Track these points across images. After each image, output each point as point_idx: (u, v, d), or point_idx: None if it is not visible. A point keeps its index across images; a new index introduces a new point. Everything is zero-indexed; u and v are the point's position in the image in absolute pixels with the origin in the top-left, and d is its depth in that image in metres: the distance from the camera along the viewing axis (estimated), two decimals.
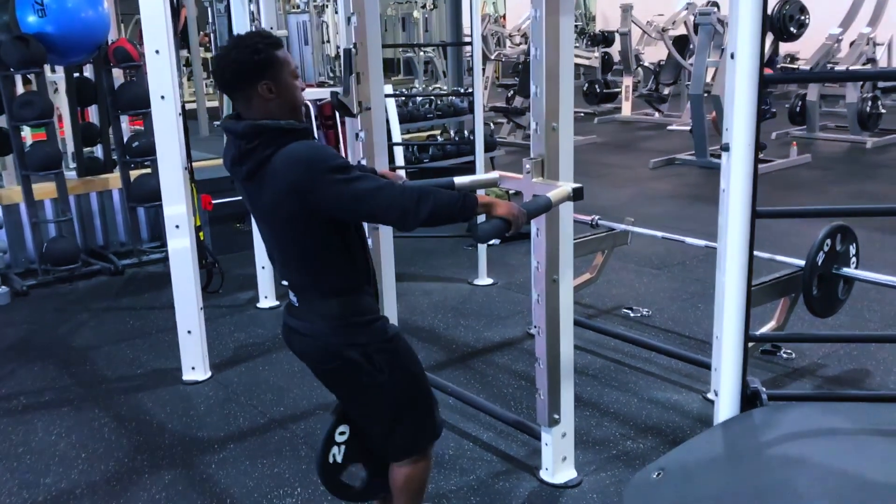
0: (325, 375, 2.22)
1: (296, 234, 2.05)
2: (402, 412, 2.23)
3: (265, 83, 2.01)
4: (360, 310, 2.15)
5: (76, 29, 4.99)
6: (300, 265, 2.11)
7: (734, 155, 1.96)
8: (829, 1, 10.12)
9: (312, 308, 2.13)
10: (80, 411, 3.48)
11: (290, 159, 1.96)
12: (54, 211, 5.34)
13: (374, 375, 2.13)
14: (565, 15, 2.40)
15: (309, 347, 2.17)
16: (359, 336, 2.13)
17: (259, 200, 2.06)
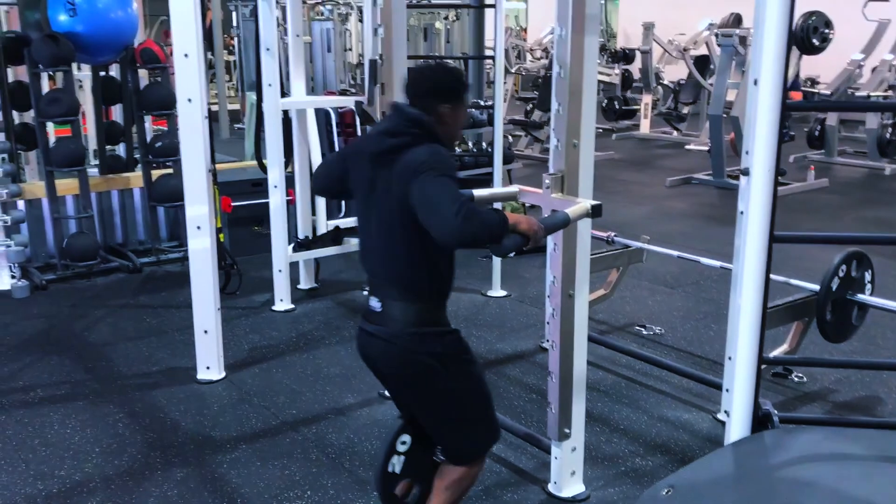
0: (400, 380, 2.32)
1: (404, 224, 2.16)
2: (471, 418, 2.36)
3: (448, 107, 2.22)
4: (439, 320, 2.28)
5: (106, 29, 5.07)
6: (399, 259, 2.22)
7: (754, 179, 1.98)
8: (852, 26, 10.12)
9: (394, 314, 2.23)
10: (95, 406, 3.53)
11: (420, 152, 2.13)
12: (76, 207, 5.41)
13: (448, 382, 2.26)
14: (590, 35, 2.44)
15: (387, 352, 2.27)
16: (436, 345, 2.25)
17: (380, 184, 2.21)
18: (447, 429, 2.36)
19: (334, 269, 5.43)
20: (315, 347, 4.17)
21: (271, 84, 4.49)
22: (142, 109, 5.51)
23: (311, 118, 5.23)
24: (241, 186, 5.67)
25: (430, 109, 2.21)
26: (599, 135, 11.91)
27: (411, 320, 2.22)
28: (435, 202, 2.04)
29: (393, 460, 2.40)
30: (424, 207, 2.07)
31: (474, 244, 2.12)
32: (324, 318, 4.60)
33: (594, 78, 2.54)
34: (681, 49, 11.86)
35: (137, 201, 5.82)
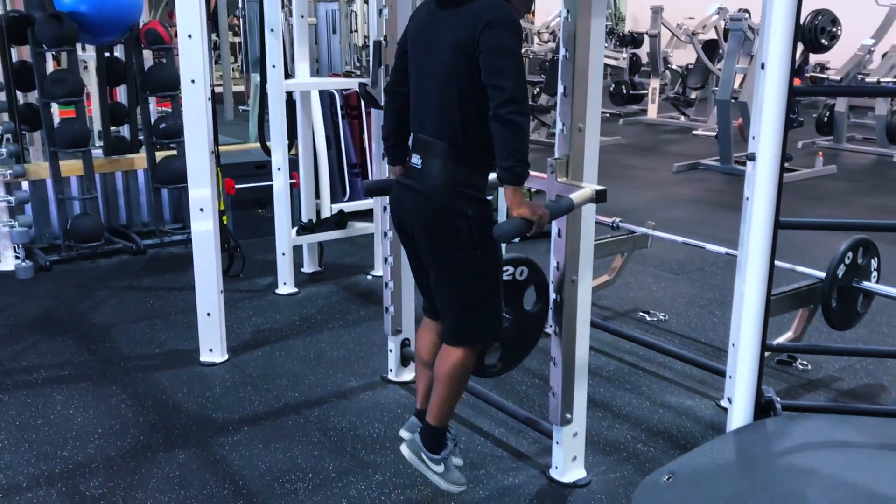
0: (426, 234, 2.37)
1: (463, 77, 2.22)
2: (478, 298, 2.43)
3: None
4: (478, 185, 2.35)
5: (110, 9, 5.04)
6: (451, 113, 2.27)
7: (760, 165, 1.96)
8: (862, 12, 10.03)
9: (434, 170, 2.30)
10: (98, 387, 3.54)
11: (492, 6, 2.18)
12: (80, 188, 5.41)
13: (469, 249, 2.33)
14: (597, 17, 2.41)
15: (421, 205, 2.34)
16: (469, 207, 2.31)
17: (445, 31, 2.27)
18: (456, 299, 2.43)
19: (338, 253, 5.43)
20: (318, 331, 4.17)
21: (275, 66, 4.47)
22: (146, 91, 5.49)
23: (315, 100, 5.21)
24: (245, 169, 5.66)
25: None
26: (606, 119, 11.85)
27: (450, 178, 2.29)
28: (505, 76, 2.11)
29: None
30: (491, 73, 2.12)
31: (507, 142, 2.14)
32: (327, 302, 4.60)
33: (600, 61, 2.51)
34: (689, 33, 11.76)
35: (141, 183, 5.81)
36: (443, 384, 2.49)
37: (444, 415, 2.53)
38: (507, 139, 2.15)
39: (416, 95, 2.43)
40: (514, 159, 2.15)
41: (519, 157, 2.15)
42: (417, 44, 2.42)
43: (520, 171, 2.17)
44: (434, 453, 2.54)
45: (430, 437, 2.54)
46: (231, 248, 4.83)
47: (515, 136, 2.16)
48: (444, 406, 2.51)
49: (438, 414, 2.52)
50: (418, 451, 2.56)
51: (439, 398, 2.50)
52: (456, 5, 2.28)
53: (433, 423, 2.53)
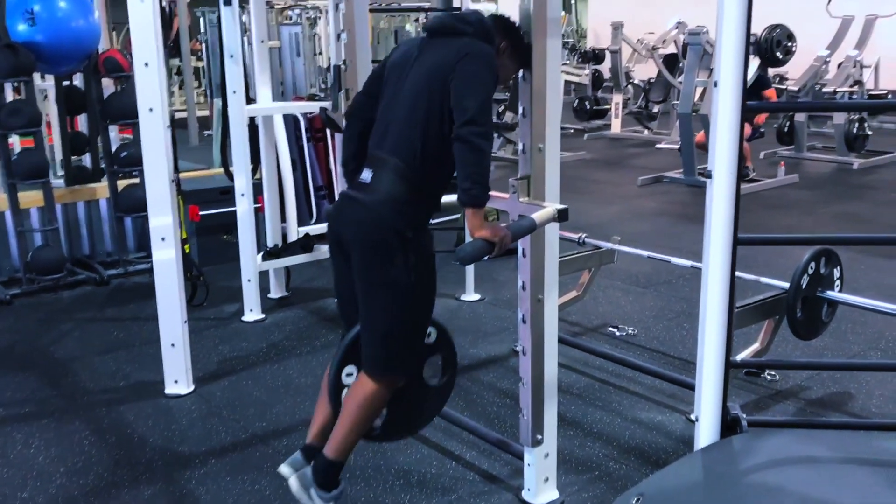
0: (361, 245, 2.33)
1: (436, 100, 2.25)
2: (402, 327, 2.37)
3: (507, 45, 2.36)
4: (421, 210, 2.34)
5: (66, 38, 4.97)
6: (413, 130, 2.28)
7: (716, 182, 1.97)
8: (817, 23, 10.23)
9: (382, 185, 2.29)
10: (60, 424, 3.46)
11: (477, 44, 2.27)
12: (40, 219, 5.31)
13: (401, 271, 2.29)
14: (552, 38, 2.42)
15: (361, 217, 2.32)
16: (409, 229, 2.29)
17: (425, 55, 2.34)
18: (381, 323, 2.36)
19: (306, 277, 5.38)
20: (286, 358, 4.12)
21: (236, 91, 4.44)
22: (106, 119, 5.42)
23: (279, 124, 5.18)
24: (210, 195, 5.60)
25: (490, 39, 2.32)
26: (571, 135, 11.94)
27: (396, 195, 2.27)
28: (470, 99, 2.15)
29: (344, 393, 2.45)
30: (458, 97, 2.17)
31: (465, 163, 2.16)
32: (295, 328, 4.55)
33: (558, 81, 2.52)
34: (650, 48, 11.91)
35: (104, 212, 5.73)
36: (351, 416, 2.39)
37: (345, 449, 2.43)
38: (466, 160, 2.15)
39: (382, 115, 2.43)
40: (472, 181, 2.14)
41: (477, 178, 2.15)
42: (397, 68, 2.44)
43: (478, 194, 2.16)
44: (325, 490, 2.43)
45: (323, 472, 2.43)
46: (195, 277, 4.77)
47: (475, 159, 2.16)
48: (347, 439, 2.41)
49: (339, 448, 2.41)
50: (308, 487, 2.43)
51: (344, 430, 2.40)
52: (444, 35, 2.32)
53: (331, 457, 2.42)
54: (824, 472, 1.79)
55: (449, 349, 2.62)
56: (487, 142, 2.18)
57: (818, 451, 1.89)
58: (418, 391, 2.58)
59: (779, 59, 7.64)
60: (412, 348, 2.44)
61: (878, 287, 4.93)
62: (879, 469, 1.80)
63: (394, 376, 2.42)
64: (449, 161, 2.27)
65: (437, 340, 2.59)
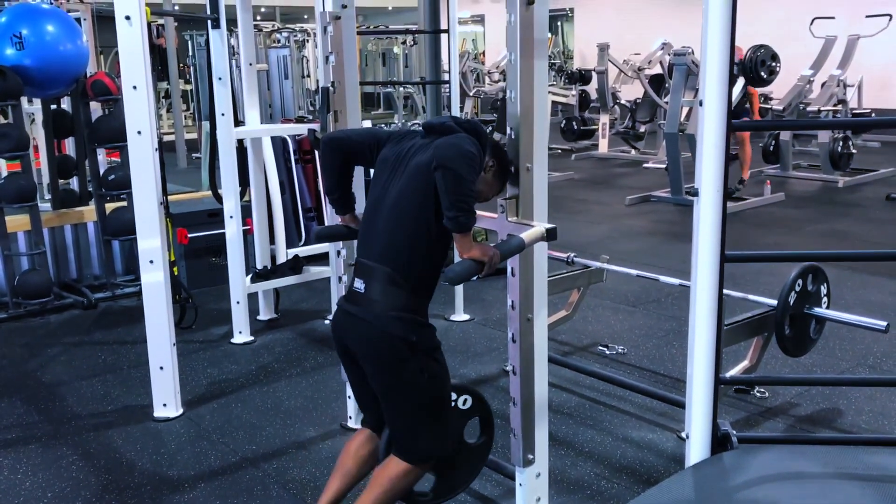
0: (370, 362, 2.34)
1: (420, 196, 2.25)
2: (426, 418, 2.40)
3: (494, 165, 2.35)
4: (421, 311, 2.35)
5: (54, 62, 4.98)
6: (402, 234, 2.28)
7: (703, 200, 1.99)
8: (801, 43, 10.36)
9: (377, 296, 2.29)
10: (47, 449, 3.42)
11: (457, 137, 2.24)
12: (27, 243, 5.29)
13: (415, 374, 2.32)
14: (539, 59, 2.43)
15: (364, 333, 2.32)
16: (412, 333, 2.30)
17: (414, 153, 2.33)
18: (402, 422, 2.40)
19: (295, 299, 5.37)
20: (275, 380, 4.10)
21: (224, 113, 4.45)
22: (94, 142, 5.42)
23: (267, 146, 5.19)
24: (198, 217, 5.60)
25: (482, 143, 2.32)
26: (559, 155, 12.01)
27: (392, 304, 2.28)
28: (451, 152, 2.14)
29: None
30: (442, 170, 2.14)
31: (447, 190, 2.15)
32: (284, 350, 4.54)
33: (545, 102, 2.53)
34: (636, 69, 12.02)
35: (92, 235, 5.71)
36: (380, 489, 2.38)
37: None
38: (448, 188, 2.14)
39: (369, 216, 2.41)
40: (457, 209, 2.13)
41: (461, 206, 2.13)
42: (388, 164, 2.41)
43: (464, 221, 2.15)
44: None
45: None
46: (183, 300, 4.75)
47: (456, 186, 2.13)
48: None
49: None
50: None
51: (372, 500, 2.38)
52: (439, 135, 2.30)
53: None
54: (815, 487, 1.79)
55: (485, 411, 2.72)
56: (466, 169, 2.15)
57: (809, 467, 1.89)
58: (461, 453, 2.66)
59: (763, 78, 7.73)
60: (439, 432, 2.46)
61: (866, 303, 4.97)
62: (869, 484, 1.80)
63: (426, 462, 2.46)
64: (439, 255, 2.32)
65: (472, 405, 2.68)
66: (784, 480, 1.85)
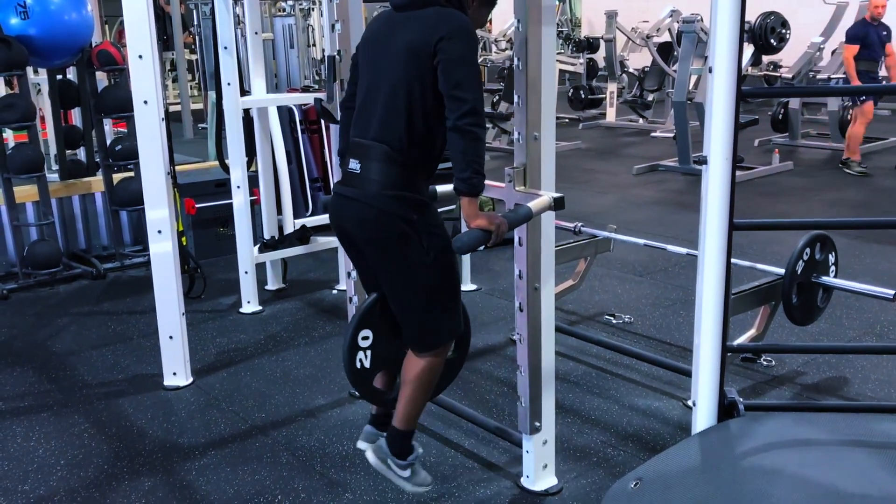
0: (372, 245, 2.32)
1: (414, 80, 2.22)
2: (435, 301, 2.37)
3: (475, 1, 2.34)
4: (418, 188, 2.30)
5: (59, 31, 4.96)
6: (398, 115, 2.25)
7: (711, 167, 1.98)
8: (811, 10, 10.23)
9: (373, 174, 2.25)
10: (59, 417, 3.46)
11: (452, 14, 2.22)
12: (36, 214, 5.31)
13: (420, 254, 2.28)
14: (547, 26, 2.42)
15: (363, 215, 2.28)
16: (412, 212, 2.26)
17: (400, 35, 2.26)
18: (412, 306, 2.37)
19: (302, 269, 5.39)
20: (284, 349, 4.13)
21: (230, 83, 4.43)
22: (100, 112, 5.41)
23: (273, 116, 5.17)
24: (205, 188, 5.60)
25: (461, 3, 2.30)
26: (566, 124, 11.93)
27: (390, 182, 2.24)
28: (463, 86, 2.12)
29: (359, 356, 2.44)
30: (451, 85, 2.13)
31: (465, 152, 2.13)
32: (292, 319, 4.56)
33: (553, 70, 2.52)
34: (644, 37, 11.90)
35: (100, 206, 5.72)
36: (411, 387, 2.42)
37: (411, 418, 2.47)
38: (466, 150, 2.15)
39: (363, 100, 2.39)
40: (472, 170, 2.15)
41: (476, 168, 2.16)
42: (368, 50, 2.41)
43: (477, 182, 2.17)
44: (401, 458, 2.49)
45: (397, 442, 2.48)
46: (192, 269, 4.77)
47: (474, 147, 2.16)
48: (411, 409, 2.45)
49: (406, 417, 2.46)
50: (385, 458, 2.49)
51: (407, 401, 2.44)
52: (413, 8, 2.28)
53: (400, 427, 2.47)
54: (821, 454, 1.80)
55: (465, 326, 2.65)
56: (484, 129, 2.19)
57: (815, 434, 1.91)
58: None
59: (773, 46, 7.65)
60: (453, 312, 2.45)
61: (873, 272, 4.96)
62: (876, 451, 1.82)
63: (443, 346, 2.45)
64: (439, 137, 2.27)
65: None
66: (791, 447, 1.86)
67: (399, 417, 2.47)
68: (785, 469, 1.74)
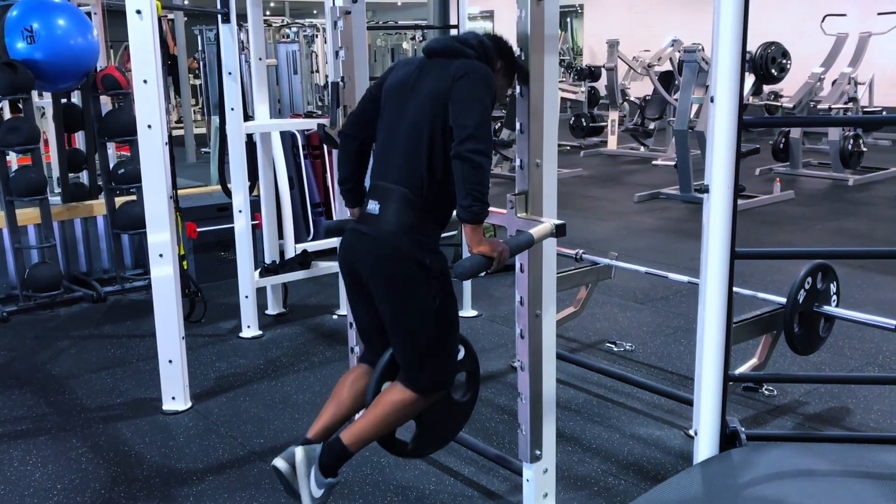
0: (383, 282, 2.33)
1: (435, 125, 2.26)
2: (433, 346, 2.38)
3: (503, 65, 2.40)
4: (434, 235, 2.35)
5: (65, 56, 4.99)
6: (417, 160, 2.29)
7: (713, 196, 1.98)
8: (812, 40, 10.31)
9: (391, 216, 2.28)
10: (57, 441, 3.44)
11: (471, 64, 2.28)
12: (38, 237, 5.31)
13: (425, 297, 2.30)
14: (549, 54, 2.43)
15: (376, 251, 2.31)
16: (425, 256, 2.29)
17: (425, 81, 2.34)
18: (410, 349, 2.38)
19: (303, 294, 5.38)
20: (283, 374, 4.11)
21: (234, 108, 4.46)
22: (104, 136, 5.43)
23: (276, 141, 5.20)
24: (207, 212, 5.61)
25: (488, 59, 2.35)
26: (567, 152, 11.98)
27: (407, 225, 2.27)
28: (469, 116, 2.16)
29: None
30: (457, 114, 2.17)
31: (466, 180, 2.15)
32: (292, 344, 4.55)
33: (555, 98, 2.53)
34: (645, 65, 11.99)
35: (101, 229, 5.73)
36: (382, 410, 2.37)
37: (363, 441, 2.40)
38: (467, 177, 2.16)
39: (384, 143, 2.43)
40: (473, 198, 2.15)
41: (478, 196, 2.16)
42: (394, 93, 2.44)
43: (478, 211, 2.17)
44: (324, 475, 2.38)
45: (333, 456, 2.38)
46: (192, 293, 4.77)
47: (475, 176, 2.16)
48: (369, 432, 2.39)
49: (359, 437, 2.38)
50: (310, 464, 2.37)
51: (370, 421, 2.38)
52: (443, 57, 2.33)
53: (346, 443, 2.38)
54: (824, 484, 1.79)
55: (474, 365, 2.65)
56: (487, 158, 2.20)
57: (818, 465, 1.89)
58: (446, 406, 2.60)
59: (773, 75, 7.71)
60: (449, 363, 2.46)
61: (875, 302, 4.95)
62: (878, 482, 1.80)
63: (435, 392, 2.45)
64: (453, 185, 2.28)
65: (464, 358, 2.61)
66: (793, 478, 1.85)
67: (352, 433, 2.38)
68: (787, 499, 1.73)
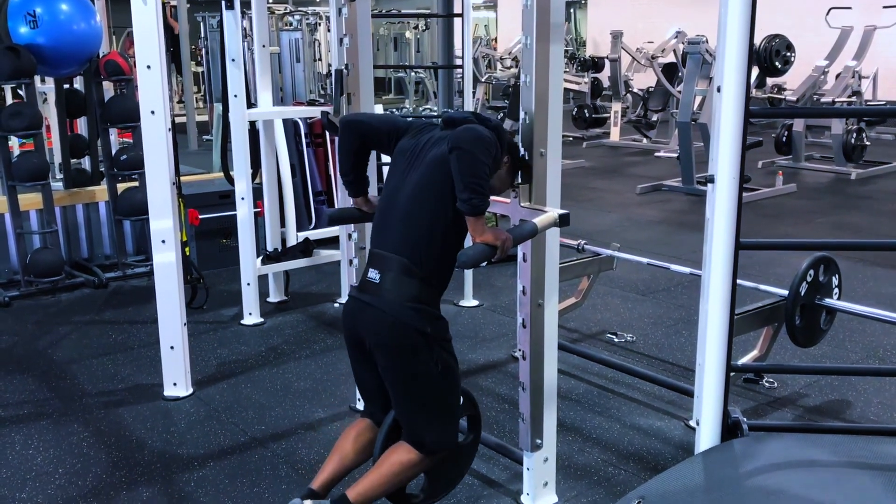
0: (384, 351, 2.33)
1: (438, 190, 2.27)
2: (438, 410, 2.40)
3: (508, 161, 2.42)
4: (434, 303, 2.35)
5: (68, 41, 4.98)
6: (419, 227, 2.29)
7: (719, 187, 1.98)
8: (816, 33, 10.28)
9: (391, 286, 2.28)
10: (58, 425, 3.45)
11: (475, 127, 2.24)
12: (39, 222, 5.31)
13: (428, 365, 2.31)
14: (555, 43, 2.43)
15: (379, 321, 2.31)
16: (427, 325, 2.30)
17: (431, 146, 2.34)
18: (415, 414, 2.39)
19: (304, 282, 5.38)
20: (284, 361, 4.12)
21: (237, 95, 4.45)
22: (106, 122, 5.43)
23: (279, 129, 5.19)
24: (209, 199, 5.61)
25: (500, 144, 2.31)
26: (570, 143, 11.97)
27: (407, 295, 2.28)
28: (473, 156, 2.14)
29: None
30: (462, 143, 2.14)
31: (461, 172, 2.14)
32: (293, 332, 4.55)
33: (560, 87, 2.53)
34: (649, 57, 11.95)
35: (103, 215, 5.73)
36: (389, 469, 2.37)
37: (369, 499, 2.37)
38: (461, 170, 2.14)
39: (386, 204, 2.42)
40: (470, 191, 2.13)
41: (474, 188, 2.13)
42: (404, 157, 2.42)
43: (477, 203, 2.15)
44: None
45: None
46: (194, 280, 4.77)
47: (469, 166, 2.13)
48: (376, 490, 2.37)
49: (366, 497, 2.36)
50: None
51: (376, 483, 2.37)
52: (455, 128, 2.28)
53: (353, 501, 2.34)
54: (825, 475, 1.79)
55: (474, 409, 2.65)
56: (478, 145, 2.15)
57: (819, 455, 1.89)
58: (452, 455, 2.59)
59: (777, 68, 7.68)
60: (451, 425, 2.47)
61: (877, 295, 4.95)
62: (878, 473, 1.80)
63: (439, 452, 2.45)
64: (454, 248, 2.31)
65: (464, 404, 2.60)
66: (795, 468, 1.85)
67: (358, 492, 2.36)
68: (788, 490, 1.73)
